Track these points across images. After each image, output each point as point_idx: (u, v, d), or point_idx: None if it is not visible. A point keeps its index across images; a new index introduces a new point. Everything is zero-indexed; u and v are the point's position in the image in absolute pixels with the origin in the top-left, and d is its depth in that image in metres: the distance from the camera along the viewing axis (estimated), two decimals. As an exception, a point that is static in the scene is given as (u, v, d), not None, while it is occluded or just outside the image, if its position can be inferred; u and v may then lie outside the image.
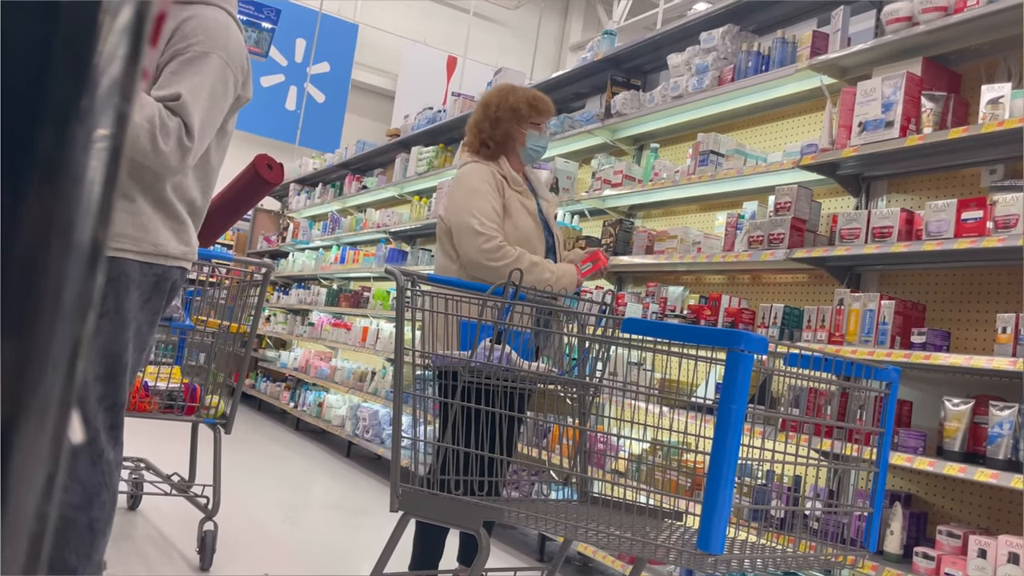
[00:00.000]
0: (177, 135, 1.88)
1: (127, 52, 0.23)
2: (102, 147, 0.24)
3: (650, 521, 1.94)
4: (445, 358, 2.10)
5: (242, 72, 2.06)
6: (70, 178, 0.24)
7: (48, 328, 0.28)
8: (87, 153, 0.24)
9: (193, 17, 1.98)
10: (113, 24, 0.23)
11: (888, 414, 1.80)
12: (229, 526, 3.52)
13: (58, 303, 0.27)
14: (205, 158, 2.10)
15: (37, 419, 0.29)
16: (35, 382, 0.28)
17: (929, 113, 2.73)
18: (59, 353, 0.29)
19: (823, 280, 3.32)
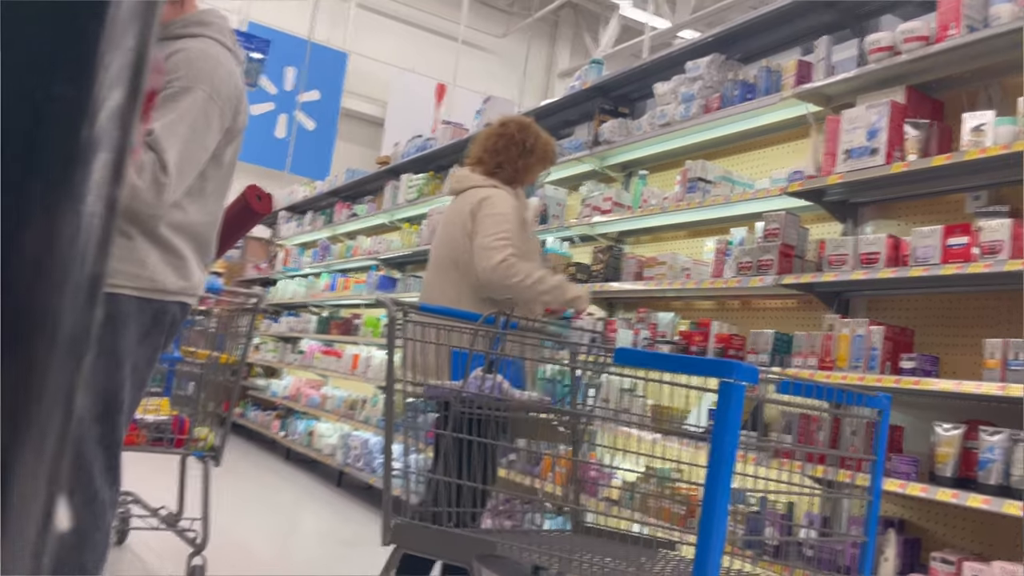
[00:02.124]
0: (151, 171, 1.84)
1: (118, 133, 0.24)
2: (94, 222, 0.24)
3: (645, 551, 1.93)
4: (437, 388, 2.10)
5: (231, 103, 2.02)
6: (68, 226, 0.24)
7: (45, 364, 0.28)
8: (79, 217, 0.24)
9: (179, 51, 1.97)
10: (103, 107, 0.23)
11: (880, 442, 1.81)
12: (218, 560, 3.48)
13: (55, 339, 0.27)
14: (200, 188, 2.06)
15: (35, 455, 0.29)
16: (33, 418, 0.28)
17: (913, 140, 2.77)
18: (57, 389, 0.29)
19: (812, 306, 3.33)
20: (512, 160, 2.80)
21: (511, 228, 2.64)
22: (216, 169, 2.10)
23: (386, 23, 13.03)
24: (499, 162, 2.80)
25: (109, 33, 0.22)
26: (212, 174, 2.09)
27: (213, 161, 2.08)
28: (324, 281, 7.64)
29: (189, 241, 2.06)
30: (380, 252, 6.67)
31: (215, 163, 2.09)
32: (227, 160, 2.13)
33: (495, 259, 2.57)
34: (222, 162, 2.11)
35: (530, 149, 2.81)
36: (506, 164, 2.79)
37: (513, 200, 2.73)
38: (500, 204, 2.69)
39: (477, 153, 2.87)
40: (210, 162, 2.07)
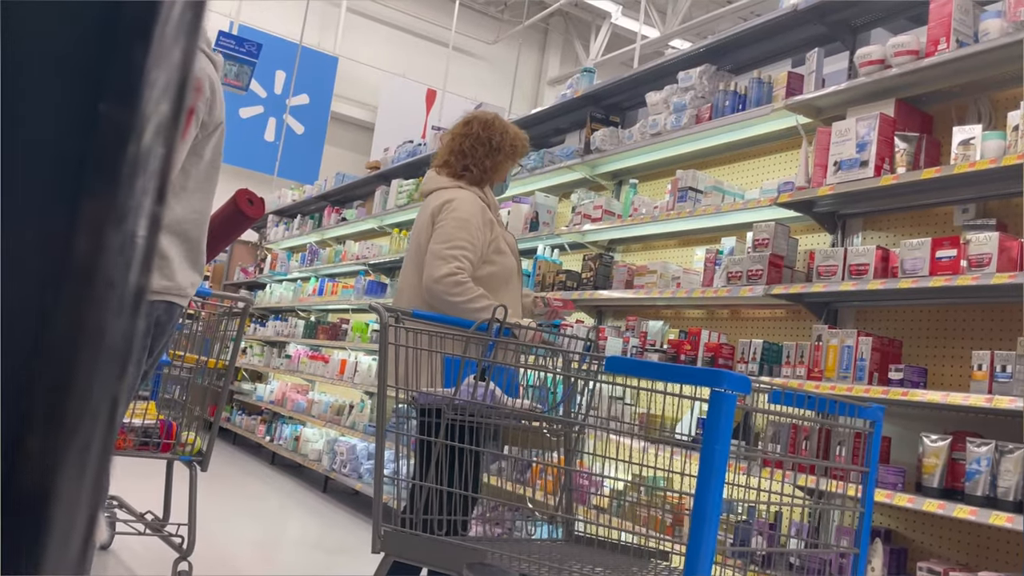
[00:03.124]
0: None
1: (162, 148, 0.24)
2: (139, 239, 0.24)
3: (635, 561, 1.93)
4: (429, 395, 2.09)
5: (204, 100, 2.06)
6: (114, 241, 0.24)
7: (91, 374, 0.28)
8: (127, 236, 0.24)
9: None
10: (149, 125, 0.23)
11: (873, 453, 1.82)
12: (203, 565, 3.45)
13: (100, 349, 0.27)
14: (183, 184, 2.08)
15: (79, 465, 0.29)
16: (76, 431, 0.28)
17: (902, 153, 2.79)
18: (101, 399, 0.29)
19: (801, 316, 3.35)
20: (479, 160, 2.74)
21: (468, 236, 2.58)
22: (196, 165, 2.12)
23: (377, 28, 13.03)
24: (466, 164, 2.75)
25: (156, 50, 0.22)
26: (194, 171, 2.11)
27: (195, 157, 2.10)
28: (312, 285, 7.62)
29: (174, 239, 2.07)
30: (369, 257, 6.65)
31: (196, 159, 2.11)
32: (208, 156, 2.15)
33: (441, 271, 2.52)
34: (202, 157, 2.13)
35: (497, 147, 2.76)
36: (473, 165, 2.74)
37: (478, 201, 2.68)
38: (461, 208, 2.63)
39: (443, 155, 2.82)
40: (192, 158, 2.09)
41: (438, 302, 2.53)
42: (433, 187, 2.77)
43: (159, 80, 0.22)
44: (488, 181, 2.78)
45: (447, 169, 2.78)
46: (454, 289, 2.51)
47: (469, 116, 2.88)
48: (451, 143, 2.81)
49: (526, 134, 2.90)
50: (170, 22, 0.22)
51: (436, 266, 2.54)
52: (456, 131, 2.83)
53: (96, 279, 0.24)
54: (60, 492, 0.26)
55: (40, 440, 0.24)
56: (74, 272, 0.23)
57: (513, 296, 2.73)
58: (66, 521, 0.26)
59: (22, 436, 0.24)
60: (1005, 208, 2.76)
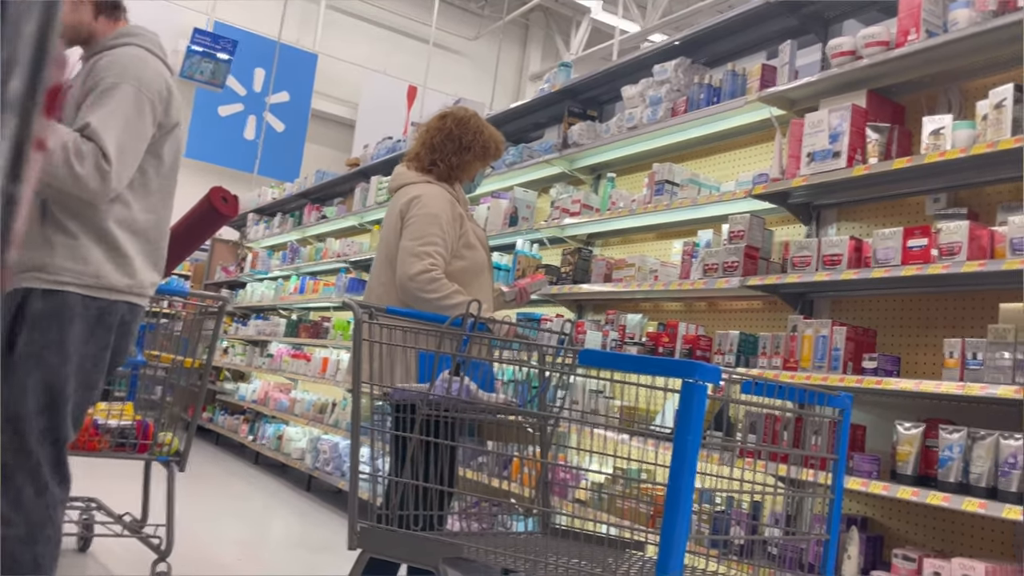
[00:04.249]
0: (93, 158, 1.92)
1: (16, 127, 0.23)
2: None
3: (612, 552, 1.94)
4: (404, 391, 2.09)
5: (160, 99, 2.10)
6: None
7: None
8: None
9: (104, 56, 2.09)
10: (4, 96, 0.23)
11: (842, 440, 1.83)
12: (186, 567, 3.43)
13: None
14: (144, 185, 2.12)
15: None
16: None
17: (874, 144, 2.81)
18: None
19: (777, 307, 3.37)
20: (447, 157, 2.71)
21: (439, 232, 2.56)
22: (157, 167, 2.15)
23: (356, 24, 12.97)
24: (434, 159, 2.72)
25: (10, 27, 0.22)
26: (153, 172, 2.15)
27: (152, 158, 2.13)
28: (293, 284, 7.58)
29: (134, 239, 2.10)
30: (350, 254, 6.63)
31: (155, 159, 2.14)
32: (168, 158, 2.18)
33: (415, 268, 2.51)
34: (162, 159, 2.16)
35: (467, 146, 2.72)
36: (440, 161, 2.71)
37: (447, 195, 2.65)
38: (430, 203, 2.60)
39: (415, 148, 2.79)
40: (149, 158, 2.12)
41: (412, 299, 2.53)
42: (401, 182, 2.76)
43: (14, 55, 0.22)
44: (455, 179, 2.76)
45: (416, 163, 2.76)
46: (429, 286, 2.51)
47: (446, 111, 2.85)
48: (423, 137, 2.79)
49: (502, 137, 2.86)
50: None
51: (410, 263, 2.53)
52: (430, 125, 2.81)
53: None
54: None
55: None
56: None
57: (485, 290, 2.72)
58: None
59: None
60: (976, 197, 2.79)
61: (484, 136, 2.76)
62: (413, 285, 2.50)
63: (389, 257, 2.65)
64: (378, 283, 2.69)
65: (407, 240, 2.56)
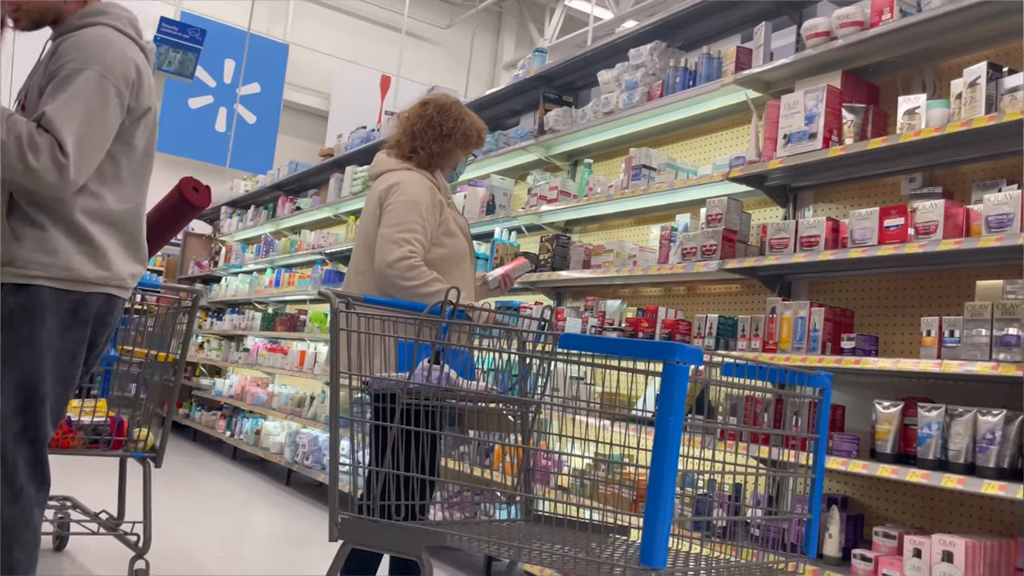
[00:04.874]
0: (49, 150, 1.82)
1: None
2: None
3: (596, 537, 1.93)
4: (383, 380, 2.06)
5: (127, 82, 1.98)
6: None
7: None
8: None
9: (69, 37, 1.97)
10: None
11: (823, 420, 1.83)
12: (162, 564, 3.38)
13: None
14: (115, 173, 2.01)
15: None
16: None
17: (850, 125, 2.82)
18: None
19: (756, 290, 3.38)
20: (428, 144, 2.68)
21: (419, 219, 2.53)
22: (128, 154, 2.05)
23: (328, 14, 12.82)
24: (414, 146, 2.68)
25: None
26: (125, 160, 2.04)
27: (124, 145, 2.02)
28: (268, 277, 7.49)
29: (107, 229, 2.01)
30: (325, 246, 6.56)
31: (126, 147, 2.03)
32: (140, 145, 2.07)
33: (393, 255, 2.48)
34: (134, 146, 2.05)
35: (447, 133, 2.69)
36: (421, 148, 2.68)
37: (426, 182, 2.62)
38: (409, 190, 2.57)
39: (396, 136, 2.75)
40: (120, 146, 2.01)
41: (391, 287, 2.50)
42: (381, 170, 2.72)
43: None
44: (436, 166, 2.72)
45: (396, 150, 2.73)
46: (408, 273, 2.48)
47: (427, 98, 2.81)
48: (404, 124, 2.75)
49: (484, 125, 2.82)
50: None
51: (388, 250, 2.50)
52: (411, 112, 2.77)
53: None
54: None
55: None
56: None
57: (465, 278, 2.70)
58: None
59: None
60: (951, 176, 2.80)
61: (465, 123, 2.72)
62: (391, 272, 2.47)
63: (368, 245, 2.61)
64: (356, 272, 2.65)
65: (386, 227, 2.53)
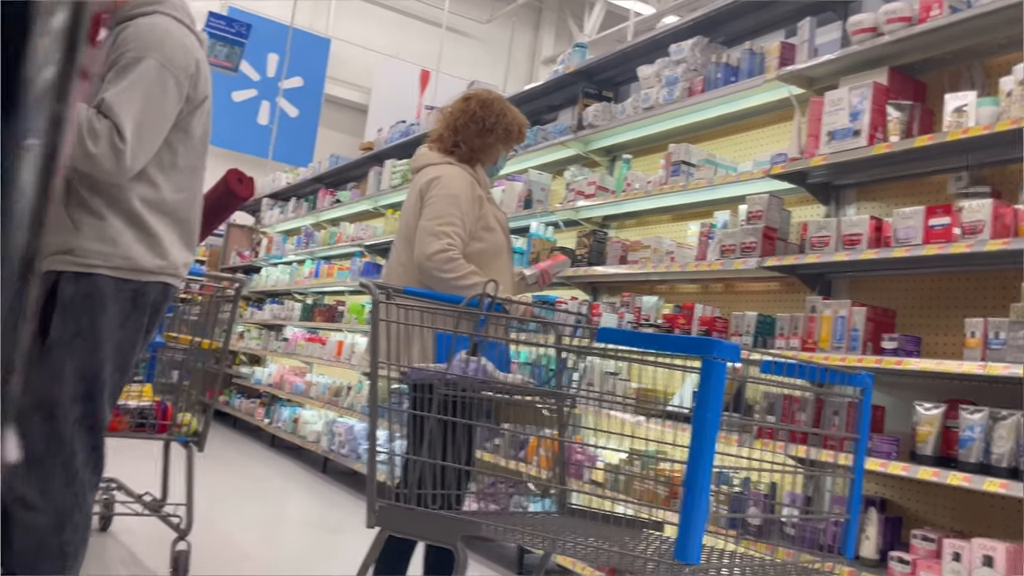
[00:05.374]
0: (108, 137, 1.85)
1: (63, 53, 0.22)
2: (34, 153, 0.23)
3: (629, 532, 1.93)
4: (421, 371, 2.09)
5: (186, 72, 2.00)
6: None
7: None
8: (17, 159, 0.23)
9: (128, 27, 1.98)
10: (48, 25, 0.22)
11: (863, 420, 1.81)
12: (203, 546, 3.47)
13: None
14: (172, 161, 2.04)
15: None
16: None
17: (895, 122, 2.77)
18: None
19: (795, 288, 3.35)
20: (470, 138, 2.70)
21: (458, 212, 2.56)
22: (186, 142, 2.07)
23: (369, 9, 12.91)
24: (456, 140, 2.71)
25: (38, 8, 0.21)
26: (182, 148, 2.06)
27: (181, 133, 2.05)
28: (308, 268, 7.60)
29: (164, 218, 2.03)
30: (364, 238, 6.63)
31: (184, 135, 2.06)
32: (197, 133, 2.09)
33: (432, 247, 2.50)
34: (191, 134, 2.08)
35: (490, 128, 2.71)
36: (463, 142, 2.70)
37: (467, 177, 2.64)
38: (450, 184, 2.60)
39: (439, 130, 2.78)
40: (178, 134, 2.04)
41: (429, 279, 2.53)
42: (423, 163, 2.75)
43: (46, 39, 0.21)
44: (477, 161, 2.75)
45: (438, 144, 2.76)
46: (446, 266, 2.51)
47: (470, 93, 2.84)
48: (447, 119, 2.78)
49: (526, 120, 2.84)
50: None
51: (427, 243, 2.53)
52: (454, 107, 2.80)
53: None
54: None
55: None
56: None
57: (503, 272, 2.72)
58: None
59: None
60: (999, 175, 2.75)
61: (507, 119, 2.74)
62: (430, 264, 2.50)
63: (408, 237, 2.65)
64: (397, 263, 2.69)
65: (426, 220, 2.56)
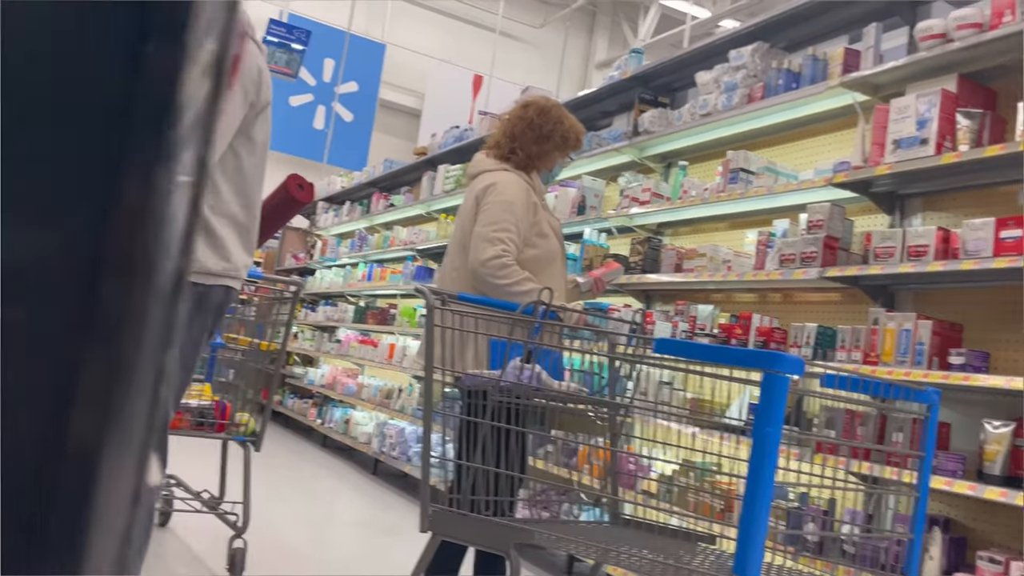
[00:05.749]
0: None
1: (209, 93, 0.23)
2: (184, 185, 0.24)
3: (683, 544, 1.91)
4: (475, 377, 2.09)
5: (251, 77, 2.05)
6: (154, 213, 0.24)
7: (134, 356, 0.28)
8: (170, 190, 0.24)
9: None
10: (196, 68, 0.22)
11: (929, 438, 1.76)
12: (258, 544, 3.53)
13: (142, 330, 0.27)
14: (237, 167, 2.09)
15: (120, 446, 0.29)
16: (120, 409, 0.28)
17: (965, 130, 2.69)
18: (144, 379, 0.29)
19: (856, 299, 3.27)
20: (527, 145, 2.72)
21: (513, 219, 2.57)
22: (249, 147, 2.12)
23: (423, 14, 13.05)
24: (513, 147, 2.73)
25: (195, 30, 0.22)
26: (245, 153, 2.11)
27: (244, 139, 2.10)
28: (361, 271, 7.70)
29: (227, 222, 2.08)
30: (417, 243, 6.69)
31: (247, 141, 2.10)
32: (259, 139, 2.13)
33: (487, 253, 2.52)
34: (254, 140, 2.12)
35: (547, 135, 2.72)
36: (520, 149, 2.72)
37: (522, 183, 2.66)
38: (506, 191, 2.62)
39: (496, 137, 2.81)
40: (242, 139, 2.08)
41: (483, 285, 2.54)
42: (479, 170, 2.77)
43: (204, 17, 0.22)
44: (533, 168, 2.76)
45: (495, 151, 2.78)
46: (499, 272, 2.52)
47: (528, 100, 2.86)
48: (504, 126, 2.80)
49: (583, 128, 2.84)
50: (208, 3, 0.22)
51: (482, 249, 2.55)
52: (512, 114, 2.82)
53: (145, 215, 0.23)
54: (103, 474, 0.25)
55: (83, 420, 0.24)
56: (124, 209, 0.23)
57: (557, 279, 2.71)
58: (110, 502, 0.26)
59: (66, 415, 0.24)
60: (1074, 186, 2.64)
61: (564, 126, 2.75)
62: (484, 271, 2.52)
63: (463, 243, 2.66)
64: (451, 268, 2.71)
65: (480, 226, 2.58)
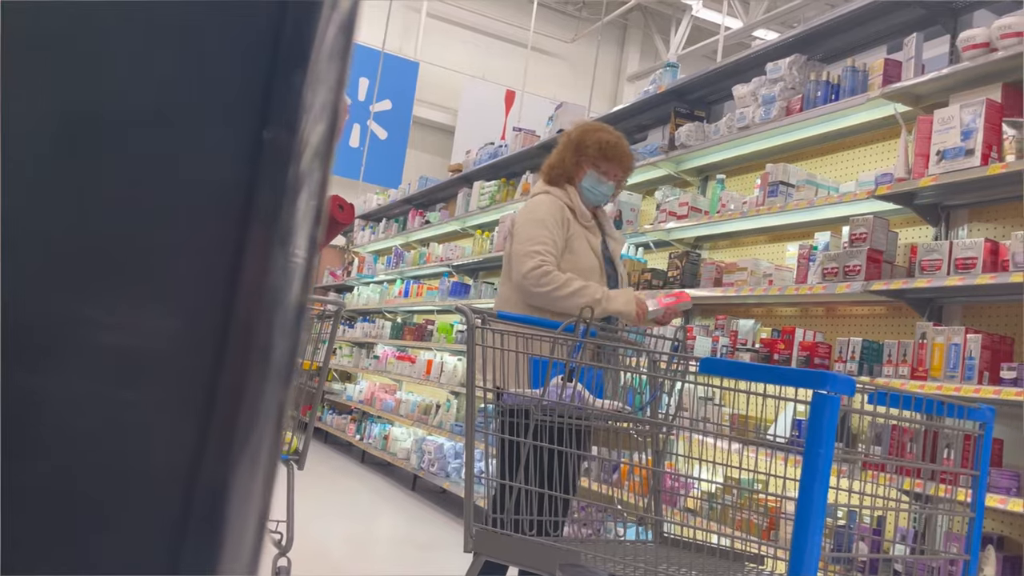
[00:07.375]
0: None
1: (319, 175, 0.25)
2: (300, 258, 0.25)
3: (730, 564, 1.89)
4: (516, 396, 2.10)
5: None
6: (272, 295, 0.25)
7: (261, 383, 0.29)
8: (287, 272, 0.25)
9: None
10: (308, 152, 0.24)
11: (984, 456, 1.72)
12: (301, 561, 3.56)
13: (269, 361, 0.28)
14: None
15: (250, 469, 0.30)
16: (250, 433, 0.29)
17: (1011, 140, 2.64)
18: (270, 406, 0.30)
19: (902, 313, 3.21)
20: (562, 160, 2.81)
21: (547, 233, 2.64)
22: None
23: (456, 31, 13.18)
24: (552, 164, 2.84)
25: (313, 73, 0.23)
26: None
27: None
28: (398, 287, 7.76)
29: None
30: (453, 259, 6.73)
31: None
32: None
33: (527, 266, 2.58)
34: None
35: (583, 147, 2.79)
36: (557, 165, 2.82)
37: (556, 201, 2.72)
38: (536, 209, 2.70)
39: (546, 160, 2.94)
40: None
41: (532, 297, 2.57)
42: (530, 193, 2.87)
43: (316, 104, 0.23)
44: (568, 178, 2.79)
45: (542, 171, 2.90)
46: (543, 280, 2.56)
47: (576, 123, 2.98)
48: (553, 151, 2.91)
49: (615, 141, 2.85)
50: (324, 48, 0.23)
51: (521, 263, 2.60)
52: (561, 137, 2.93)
53: (264, 297, 0.24)
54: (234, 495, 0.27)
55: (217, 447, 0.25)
56: (246, 292, 0.24)
57: None
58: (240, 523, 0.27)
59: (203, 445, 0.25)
60: None
61: (598, 137, 2.80)
62: (527, 283, 2.56)
63: (507, 269, 2.74)
64: (503, 300, 2.79)
65: (516, 245, 2.66)
